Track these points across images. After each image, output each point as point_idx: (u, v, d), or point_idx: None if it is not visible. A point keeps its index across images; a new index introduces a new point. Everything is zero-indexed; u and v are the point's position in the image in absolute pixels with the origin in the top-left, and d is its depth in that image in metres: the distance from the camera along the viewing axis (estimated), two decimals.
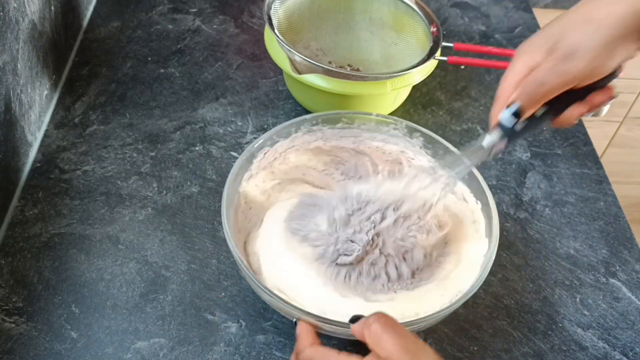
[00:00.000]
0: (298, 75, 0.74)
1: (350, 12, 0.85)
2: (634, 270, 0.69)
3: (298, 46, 0.82)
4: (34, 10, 0.76)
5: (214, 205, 0.72)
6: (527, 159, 0.80)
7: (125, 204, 0.71)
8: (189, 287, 0.64)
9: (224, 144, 0.79)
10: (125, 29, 0.95)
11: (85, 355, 0.59)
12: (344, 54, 0.87)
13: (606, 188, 0.77)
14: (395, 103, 0.82)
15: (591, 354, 0.62)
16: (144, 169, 0.75)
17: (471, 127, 0.83)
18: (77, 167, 0.75)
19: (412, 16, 0.82)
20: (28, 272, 0.65)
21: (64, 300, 0.63)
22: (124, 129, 0.80)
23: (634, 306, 0.66)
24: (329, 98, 0.76)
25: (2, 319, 0.61)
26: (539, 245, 0.71)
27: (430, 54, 0.75)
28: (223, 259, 0.67)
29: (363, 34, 0.86)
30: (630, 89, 1.37)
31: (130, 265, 0.66)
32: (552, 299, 0.66)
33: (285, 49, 0.74)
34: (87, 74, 0.87)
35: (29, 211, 0.70)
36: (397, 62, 0.83)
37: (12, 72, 0.70)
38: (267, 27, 0.77)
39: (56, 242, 0.67)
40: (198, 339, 0.60)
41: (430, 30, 0.78)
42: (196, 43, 0.93)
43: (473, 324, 0.63)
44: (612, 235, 0.72)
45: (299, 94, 0.82)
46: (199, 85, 0.87)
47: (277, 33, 0.75)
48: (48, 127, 0.79)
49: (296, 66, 0.74)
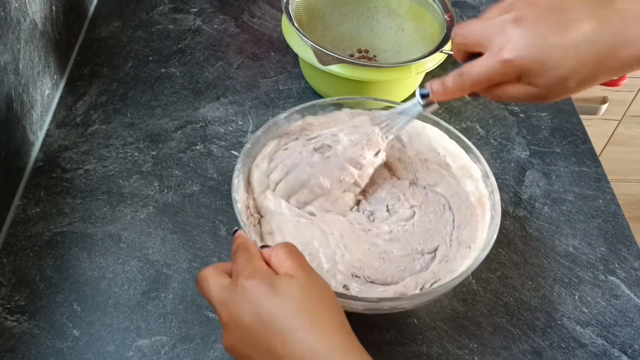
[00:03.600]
0: (324, 67, 0.75)
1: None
2: (633, 268, 0.69)
3: (316, 35, 0.83)
4: (35, 10, 0.77)
5: (215, 203, 0.72)
6: (526, 157, 0.80)
7: (127, 203, 0.72)
8: (190, 285, 0.65)
9: (224, 143, 0.79)
10: (126, 28, 0.95)
11: (87, 353, 0.59)
12: (357, 41, 0.89)
13: (605, 186, 0.77)
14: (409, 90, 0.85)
15: (590, 351, 0.62)
16: (146, 168, 0.76)
17: (470, 126, 0.84)
18: (79, 166, 0.75)
19: (426, 4, 0.83)
20: (30, 270, 0.65)
21: (65, 298, 0.63)
22: (126, 129, 0.80)
23: (632, 303, 0.66)
24: (352, 85, 0.78)
25: (4, 317, 0.61)
26: (538, 243, 0.71)
27: (445, 39, 0.78)
28: (224, 257, 0.67)
29: (374, 21, 0.88)
30: (629, 87, 1.37)
31: (131, 264, 0.66)
32: (551, 296, 0.66)
33: (309, 43, 0.76)
34: (89, 74, 0.87)
35: (31, 210, 0.70)
36: (409, 50, 0.85)
37: (13, 71, 0.70)
38: (286, 22, 0.78)
39: (58, 240, 0.68)
40: (199, 337, 0.61)
41: (445, 18, 0.80)
42: (197, 43, 0.94)
43: (472, 321, 0.64)
44: (610, 233, 0.72)
45: (319, 82, 0.84)
46: (199, 84, 0.87)
47: (296, 26, 0.77)
48: (50, 126, 0.80)
49: (320, 58, 0.76)
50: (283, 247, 0.47)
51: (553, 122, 0.84)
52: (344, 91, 0.79)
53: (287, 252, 0.47)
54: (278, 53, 0.93)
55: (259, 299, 0.43)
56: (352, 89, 0.78)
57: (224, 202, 0.72)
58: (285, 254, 0.46)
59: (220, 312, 0.45)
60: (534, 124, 0.84)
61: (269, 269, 0.46)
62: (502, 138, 0.82)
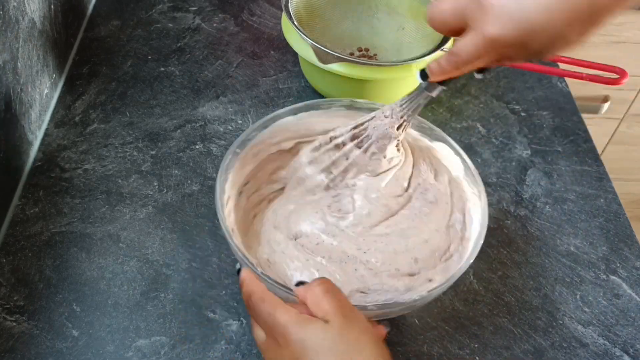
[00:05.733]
0: (324, 65, 0.75)
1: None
2: (634, 267, 0.69)
3: (315, 33, 0.83)
4: (34, 9, 0.76)
5: (215, 203, 0.72)
6: (527, 156, 0.80)
7: (126, 203, 0.71)
8: (190, 285, 0.64)
9: (224, 142, 0.79)
10: (125, 27, 0.95)
11: (87, 353, 0.59)
12: (357, 40, 0.89)
13: (606, 185, 0.77)
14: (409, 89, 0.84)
15: (592, 350, 0.62)
16: (145, 167, 0.75)
17: (471, 125, 0.83)
18: (78, 166, 0.75)
19: (427, 2, 0.83)
20: (29, 270, 0.65)
21: (65, 298, 0.63)
22: (125, 128, 0.80)
23: (634, 303, 0.66)
24: (352, 84, 0.78)
25: (4, 317, 0.61)
26: (540, 242, 0.71)
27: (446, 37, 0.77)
28: (224, 257, 0.67)
29: (375, 19, 0.88)
30: (631, 86, 1.37)
31: (131, 264, 0.66)
32: (552, 296, 0.66)
33: (309, 42, 0.75)
34: (88, 73, 0.87)
35: (29, 210, 0.70)
36: (409, 48, 0.84)
37: (12, 71, 0.70)
38: (286, 20, 0.78)
39: (57, 240, 0.67)
40: (199, 337, 0.61)
41: None
42: (196, 41, 0.93)
43: (473, 321, 0.63)
44: (612, 233, 0.72)
45: (319, 81, 0.84)
46: (199, 83, 0.87)
47: (296, 25, 0.76)
48: (48, 125, 0.79)
49: (320, 56, 0.75)
50: (320, 285, 0.45)
51: (554, 120, 0.84)
52: (344, 90, 0.79)
53: (323, 290, 0.45)
54: (278, 52, 0.92)
55: (296, 356, 0.42)
56: (353, 87, 0.78)
57: None
58: (322, 293, 0.44)
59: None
60: (536, 123, 0.84)
61: (298, 318, 0.43)
62: (503, 137, 0.82)
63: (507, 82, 0.90)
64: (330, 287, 0.45)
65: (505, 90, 0.88)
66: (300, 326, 0.42)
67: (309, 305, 0.45)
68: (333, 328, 0.42)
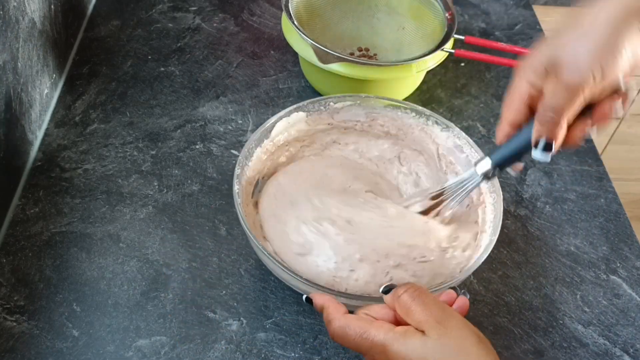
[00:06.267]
0: (324, 65, 0.75)
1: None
2: (635, 267, 0.69)
3: (316, 33, 0.83)
4: (34, 9, 0.76)
5: (215, 203, 0.72)
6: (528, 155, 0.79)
7: (126, 203, 0.71)
8: (190, 285, 0.64)
9: (224, 142, 0.79)
10: (126, 27, 0.95)
11: (87, 353, 0.59)
12: (357, 39, 0.89)
13: (607, 185, 0.77)
14: (410, 88, 0.85)
15: (592, 350, 0.62)
16: (145, 167, 0.75)
17: (472, 125, 0.83)
18: (78, 166, 0.75)
19: (427, 2, 0.83)
20: (29, 270, 0.65)
21: (65, 298, 0.63)
22: (125, 128, 0.80)
23: (634, 303, 0.66)
24: (352, 84, 0.78)
25: (4, 317, 0.61)
26: (540, 242, 0.71)
27: (446, 37, 0.78)
28: (224, 257, 0.67)
29: (375, 19, 0.88)
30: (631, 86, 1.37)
31: (131, 264, 0.66)
32: (552, 296, 0.66)
33: (309, 42, 0.75)
34: (88, 73, 0.87)
35: (29, 210, 0.70)
36: (409, 48, 0.84)
37: (12, 71, 0.70)
38: (286, 20, 0.78)
39: (57, 240, 0.67)
40: (199, 337, 0.61)
41: (445, 16, 0.80)
42: (196, 41, 0.93)
43: (474, 321, 0.62)
44: (612, 232, 0.72)
45: (319, 81, 0.84)
46: (199, 83, 0.87)
47: (296, 25, 0.77)
48: (48, 125, 0.79)
49: (320, 56, 0.75)
50: (406, 292, 0.44)
51: None
52: (344, 90, 0.79)
53: (410, 297, 0.44)
54: (278, 51, 0.92)
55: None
56: (353, 87, 0.78)
57: (223, 201, 0.72)
58: (409, 300, 0.44)
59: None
60: None
61: (395, 333, 0.42)
62: None
63: (507, 82, 0.89)
64: (417, 292, 0.44)
65: (505, 90, 0.88)
66: (399, 342, 0.42)
67: (400, 315, 0.44)
68: (431, 338, 0.42)
